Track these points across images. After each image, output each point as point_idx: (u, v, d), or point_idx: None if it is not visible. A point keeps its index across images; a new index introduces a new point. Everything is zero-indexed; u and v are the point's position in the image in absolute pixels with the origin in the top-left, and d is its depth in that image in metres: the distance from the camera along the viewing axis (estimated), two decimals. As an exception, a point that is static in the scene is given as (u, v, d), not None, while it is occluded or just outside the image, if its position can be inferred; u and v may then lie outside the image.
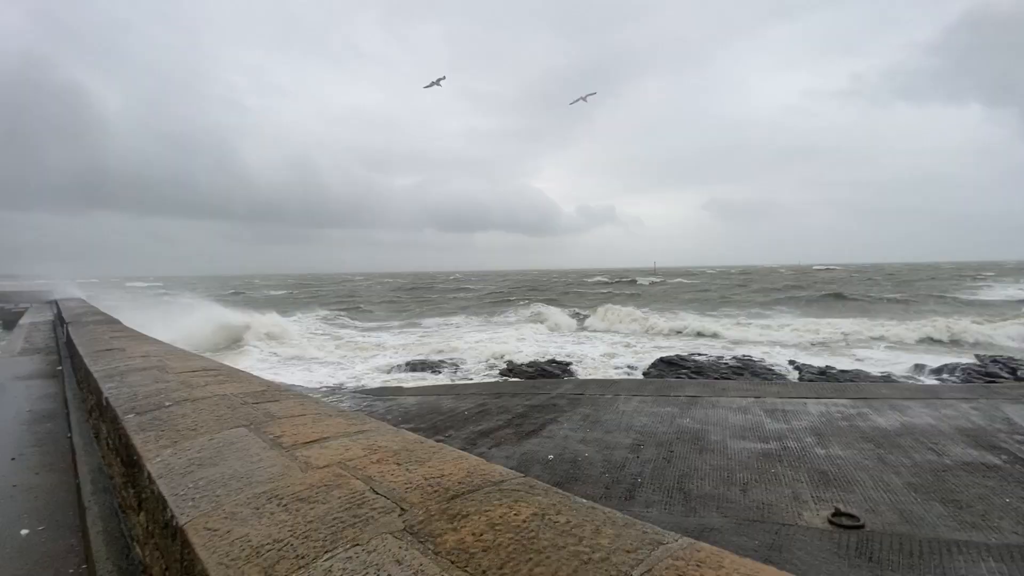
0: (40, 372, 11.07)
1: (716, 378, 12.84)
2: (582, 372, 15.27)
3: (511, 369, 15.50)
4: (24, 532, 3.63)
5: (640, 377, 13.82)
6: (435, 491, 1.81)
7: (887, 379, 13.39)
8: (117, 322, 11.90)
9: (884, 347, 19.85)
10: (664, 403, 7.84)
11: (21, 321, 23.33)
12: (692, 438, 6.25)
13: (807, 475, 5.03)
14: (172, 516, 1.82)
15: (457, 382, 13.83)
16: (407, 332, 28.97)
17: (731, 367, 15.24)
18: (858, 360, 17.32)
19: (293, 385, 13.35)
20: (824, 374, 14.16)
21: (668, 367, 14.41)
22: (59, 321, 16.76)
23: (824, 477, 4.96)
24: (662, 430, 6.56)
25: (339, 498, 1.77)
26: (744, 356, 17.35)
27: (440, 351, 19.81)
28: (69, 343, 9.90)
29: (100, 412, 4.31)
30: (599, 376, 14.48)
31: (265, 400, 3.37)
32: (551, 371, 14.96)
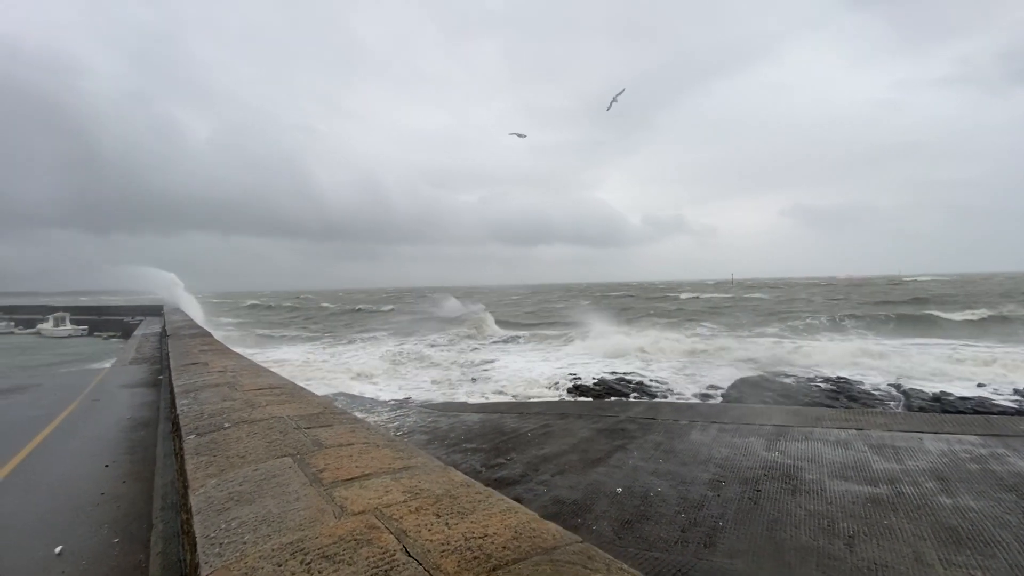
0: (144, 381, 12.15)
1: (807, 403, 11.58)
2: (652, 392, 14.44)
3: (576, 387, 14.98)
4: (100, 543, 3.79)
5: (718, 401, 12.79)
6: (475, 557, 1.55)
7: (1022, 410, 11.43)
8: (209, 335, 12.84)
9: (1002, 370, 17.10)
10: (748, 433, 7.09)
11: (135, 332, 26.16)
12: (782, 476, 5.54)
13: (931, 530, 4.22)
14: (197, 564, 1.69)
15: (520, 399, 13.55)
16: (466, 344, 29.12)
17: (823, 390, 13.75)
18: (979, 386, 15.02)
19: (359, 396, 13.68)
20: (939, 401, 12.36)
21: (750, 389, 13.23)
22: (164, 332, 18.51)
23: (954, 535, 4.13)
24: (746, 464, 5.88)
25: (366, 559, 1.55)
26: (838, 378, 15.63)
27: (500, 366, 19.69)
28: (167, 355, 10.76)
29: (175, 426, 4.49)
30: (672, 398, 13.60)
31: (317, 425, 3.28)
32: (619, 390, 14.26)
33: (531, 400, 12.81)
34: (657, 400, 12.82)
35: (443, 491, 2.10)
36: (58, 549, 3.59)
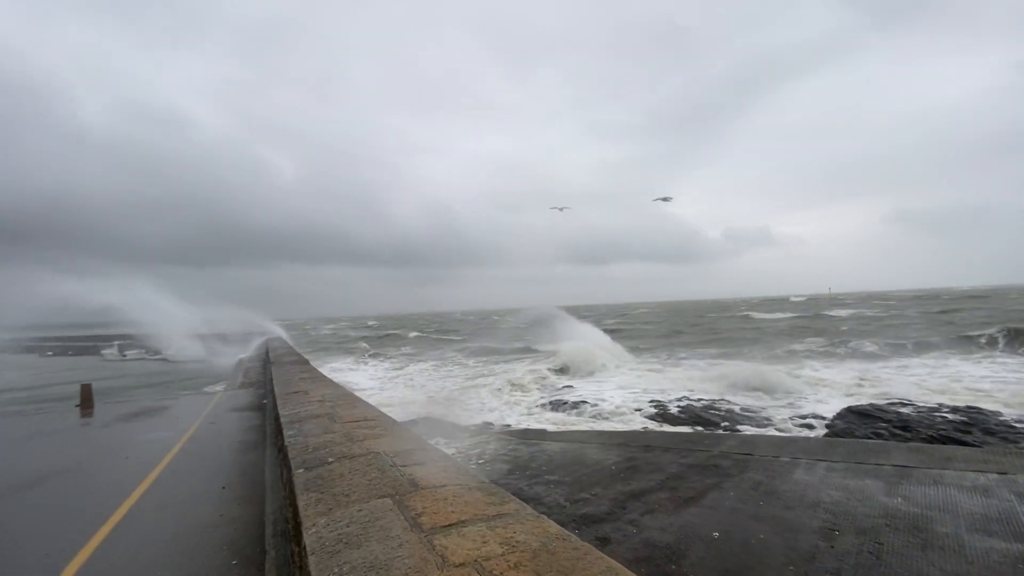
0: (251, 404, 13.29)
1: (932, 438, 10.23)
2: (743, 421, 13.45)
3: (661, 414, 14.33)
4: (221, 564, 4.14)
5: (822, 434, 11.65)
6: (581, 626, 1.51)
7: None
8: (306, 362, 13.84)
9: None
10: (862, 474, 6.38)
11: (241, 356, 28.80)
12: (909, 527, 4.91)
13: (1112, 606, 3.53)
14: (314, 610, 1.80)
15: (602, 428, 13.19)
16: (543, 367, 28.94)
17: (951, 423, 12.06)
18: None
19: (441, 421, 13.97)
20: (1104, 438, 10.41)
21: (860, 420, 11.90)
22: (267, 358, 20.23)
23: None
24: (863, 512, 5.28)
25: (472, 619, 1.57)
26: (967, 407, 13.68)
27: (578, 390, 19.33)
28: (270, 381, 11.73)
29: (283, 456, 4.85)
30: (767, 430, 12.59)
31: (412, 462, 3.40)
32: (708, 419, 13.43)
33: (613, 430, 12.44)
34: (752, 433, 11.92)
35: (539, 544, 2.08)
36: None
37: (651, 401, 16.40)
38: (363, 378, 28.09)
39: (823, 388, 17.88)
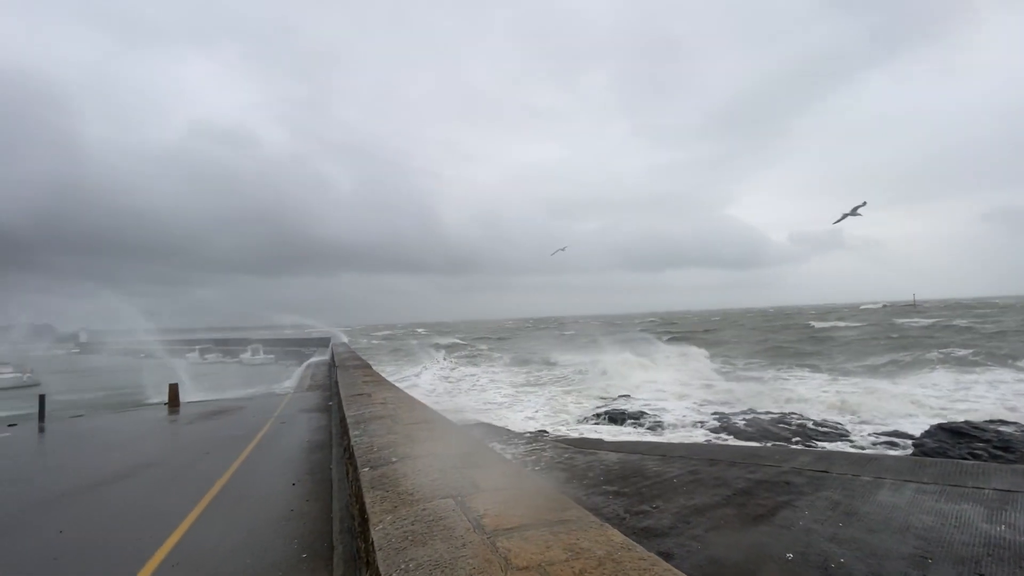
0: (318, 406, 13.94)
1: (1040, 461, 9.12)
2: (817, 437, 12.54)
3: (725, 427, 13.67)
4: (292, 556, 4.34)
5: (909, 453, 10.68)
6: (652, 639, 1.46)
7: None
8: (369, 367, 14.36)
9: None
10: (957, 496, 5.79)
11: (309, 361, 30.34)
12: (1014, 557, 4.40)
13: None
14: (383, 605, 1.84)
15: (661, 440, 12.75)
16: (598, 375, 28.42)
17: (1064, 444, 10.72)
18: None
19: (496, 427, 14.04)
20: None
21: (952, 439, 10.79)
22: (332, 362, 21.20)
23: None
24: (960, 539, 4.79)
25: (539, 623, 1.55)
26: (1085, 428, 12.10)
27: (636, 400, 18.82)
28: (335, 383, 12.25)
29: (349, 455, 5.04)
30: (845, 446, 11.68)
31: (471, 465, 3.43)
32: (777, 433, 12.66)
33: (674, 442, 12.01)
34: (828, 448, 11.11)
35: (604, 553, 2.03)
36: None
37: (714, 413, 15.71)
38: (419, 382, 28.78)
39: (906, 403, 16.41)
